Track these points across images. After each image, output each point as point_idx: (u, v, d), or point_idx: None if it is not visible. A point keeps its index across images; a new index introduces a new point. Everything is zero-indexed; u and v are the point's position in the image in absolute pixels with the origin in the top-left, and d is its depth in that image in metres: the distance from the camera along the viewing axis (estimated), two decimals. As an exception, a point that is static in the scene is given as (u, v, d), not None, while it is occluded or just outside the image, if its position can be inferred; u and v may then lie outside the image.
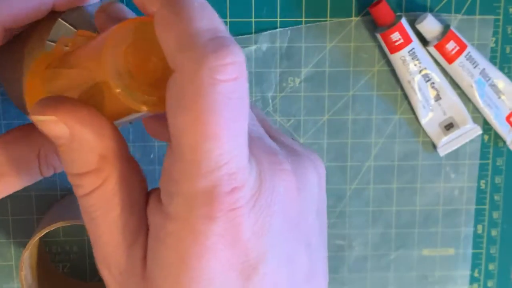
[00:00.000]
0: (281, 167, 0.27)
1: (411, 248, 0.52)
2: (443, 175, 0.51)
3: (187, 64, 0.23)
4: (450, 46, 0.48)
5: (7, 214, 0.49)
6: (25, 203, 0.49)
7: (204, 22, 0.24)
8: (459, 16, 0.49)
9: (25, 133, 0.34)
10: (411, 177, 0.51)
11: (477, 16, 0.49)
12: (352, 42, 0.49)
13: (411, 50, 0.47)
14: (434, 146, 0.51)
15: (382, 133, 0.50)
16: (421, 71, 0.48)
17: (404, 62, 0.47)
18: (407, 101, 0.50)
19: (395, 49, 0.47)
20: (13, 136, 0.34)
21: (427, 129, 0.50)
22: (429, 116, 0.50)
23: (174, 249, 0.25)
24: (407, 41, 0.47)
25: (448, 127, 0.50)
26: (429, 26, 0.47)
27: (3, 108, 0.47)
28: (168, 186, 0.26)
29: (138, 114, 0.27)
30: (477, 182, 0.52)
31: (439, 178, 0.51)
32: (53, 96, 0.28)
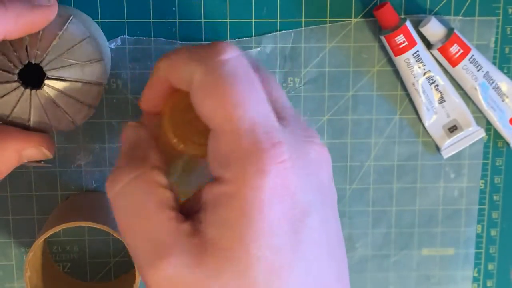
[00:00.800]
0: (311, 138, 0.32)
1: (412, 249, 0.52)
2: (443, 175, 0.51)
3: None
4: (454, 49, 0.48)
5: (8, 214, 0.49)
6: (26, 203, 0.49)
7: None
8: (459, 17, 0.49)
9: None
10: (412, 177, 0.51)
11: (477, 17, 0.49)
12: (352, 43, 0.49)
13: (415, 53, 0.47)
14: (436, 147, 0.51)
15: (382, 133, 0.50)
16: (425, 73, 0.48)
17: (408, 64, 0.47)
18: (407, 101, 0.50)
19: (399, 51, 0.47)
20: None
21: (431, 131, 0.50)
22: (433, 119, 0.50)
23: (237, 207, 0.29)
24: (412, 43, 0.47)
25: (452, 129, 0.50)
26: (433, 29, 0.47)
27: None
28: (220, 160, 0.30)
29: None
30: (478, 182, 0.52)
31: (439, 179, 0.52)
32: None
